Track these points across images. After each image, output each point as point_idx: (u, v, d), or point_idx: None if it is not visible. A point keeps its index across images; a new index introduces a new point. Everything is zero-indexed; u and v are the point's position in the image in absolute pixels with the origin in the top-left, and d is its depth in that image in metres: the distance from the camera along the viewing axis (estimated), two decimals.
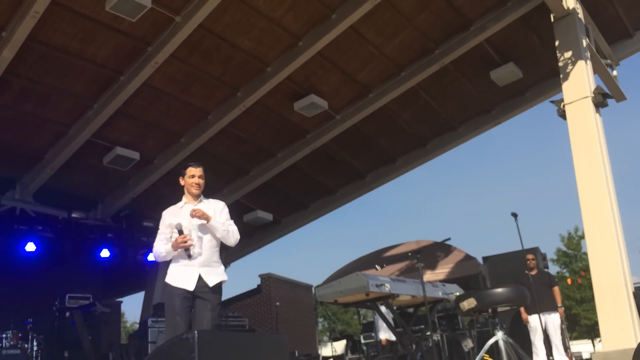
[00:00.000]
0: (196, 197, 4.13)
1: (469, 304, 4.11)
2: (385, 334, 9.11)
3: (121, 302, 15.48)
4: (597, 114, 7.92)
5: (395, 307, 6.21)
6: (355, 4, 7.99)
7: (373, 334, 10.64)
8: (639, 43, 10.07)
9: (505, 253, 8.28)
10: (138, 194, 11.06)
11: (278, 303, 11.34)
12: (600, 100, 7.89)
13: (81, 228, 10.97)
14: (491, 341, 4.09)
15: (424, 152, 12.31)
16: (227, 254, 15.50)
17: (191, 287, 3.94)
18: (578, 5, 8.20)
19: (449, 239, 4.98)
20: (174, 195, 4.40)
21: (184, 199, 4.19)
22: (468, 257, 10.86)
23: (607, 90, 8.35)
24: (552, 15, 8.20)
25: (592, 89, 7.87)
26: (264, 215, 12.89)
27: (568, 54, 8.03)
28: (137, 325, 11.84)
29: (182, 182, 4.17)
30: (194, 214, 3.92)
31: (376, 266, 5.72)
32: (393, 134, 11.74)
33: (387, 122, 11.30)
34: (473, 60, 9.88)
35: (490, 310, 4.23)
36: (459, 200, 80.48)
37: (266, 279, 14.40)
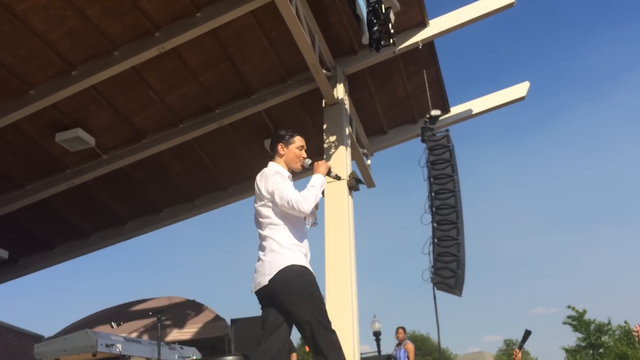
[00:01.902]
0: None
1: None
2: None
3: None
4: (350, 196, 8.78)
5: None
6: (141, 46, 7.79)
7: None
8: (391, 140, 11.57)
9: (253, 317, 8.43)
10: None
11: None
12: (354, 184, 8.78)
13: None
14: None
15: (191, 207, 12.19)
16: None
17: None
18: (346, 97, 9.19)
19: (194, 300, 4.86)
20: None
21: (285, 169, 3.29)
22: (217, 318, 10.80)
23: (360, 176, 9.36)
24: (324, 101, 9.03)
25: (348, 173, 8.74)
26: None
27: (333, 138, 8.85)
28: None
29: (282, 151, 3.29)
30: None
31: (112, 323, 5.32)
32: (162, 184, 11.45)
33: (158, 171, 11.00)
34: (251, 126, 10.28)
35: None
36: (221, 259, 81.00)
37: None
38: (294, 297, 2.90)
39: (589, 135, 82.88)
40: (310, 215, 3.15)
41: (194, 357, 5.01)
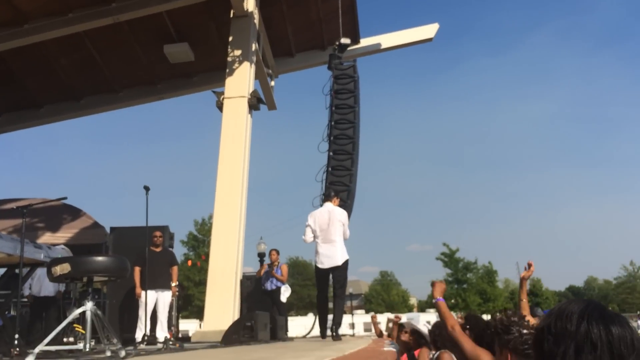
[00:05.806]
0: None
1: (62, 269, 3.75)
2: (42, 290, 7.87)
3: None
4: (249, 115, 8.54)
5: None
6: None
7: None
8: (297, 63, 11.31)
9: (134, 227, 8.09)
10: None
11: None
12: (255, 103, 8.54)
13: None
14: (78, 311, 3.81)
15: (77, 106, 11.33)
16: None
17: None
18: (256, 11, 8.74)
19: (65, 197, 4.48)
20: None
21: None
22: (96, 225, 10.32)
23: (262, 96, 9.10)
24: (232, 12, 8.53)
25: (250, 91, 8.45)
26: None
27: (238, 52, 8.45)
28: None
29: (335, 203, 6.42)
30: None
31: None
32: (44, 77, 10.46)
33: (41, 63, 10.01)
34: (150, 27, 9.56)
35: (85, 278, 3.95)
36: (109, 165, 77.74)
37: None
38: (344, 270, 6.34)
39: (484, 89, 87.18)
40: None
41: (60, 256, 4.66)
